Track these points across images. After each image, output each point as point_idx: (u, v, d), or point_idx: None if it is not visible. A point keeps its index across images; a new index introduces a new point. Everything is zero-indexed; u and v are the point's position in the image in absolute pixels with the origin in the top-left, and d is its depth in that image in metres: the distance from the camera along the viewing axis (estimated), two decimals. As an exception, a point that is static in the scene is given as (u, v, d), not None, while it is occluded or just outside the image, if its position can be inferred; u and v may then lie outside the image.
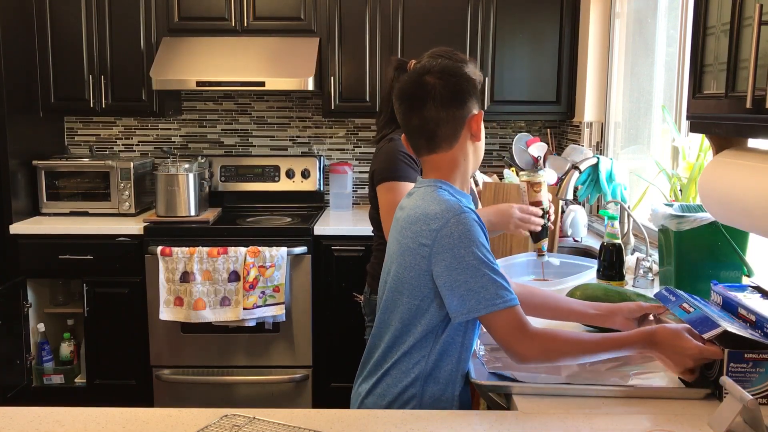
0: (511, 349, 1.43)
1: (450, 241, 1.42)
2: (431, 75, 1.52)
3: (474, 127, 1.54)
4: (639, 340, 1.46)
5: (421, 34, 3.54)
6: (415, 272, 1.47)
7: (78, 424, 1.30)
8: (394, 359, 1.52)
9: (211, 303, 3.26)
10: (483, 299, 1.40)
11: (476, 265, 1.40)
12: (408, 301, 1.50)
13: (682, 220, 1.91)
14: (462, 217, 1.43)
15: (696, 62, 1.57)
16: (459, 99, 1.51)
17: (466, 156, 1.56)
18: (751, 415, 1.21)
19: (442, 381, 1.51)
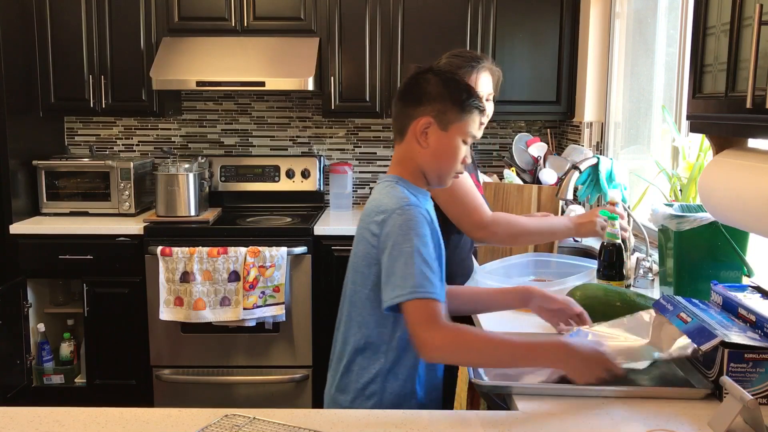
0: (418, 337, 1.42)
1: (392, 230, 1.47)
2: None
3: (417, 131, 1.57)
4: (552, 350, 1.46)
5: (421, 34, 3.54)
6: (367, 261, 1.53)
7: (78, 424, 1.30)
8: (352, 352, 1.57)
9: (211, 303, 3.26)
10: (408, 286, 1.42)
11: (409, 253, 1.44)
12: (355, 288, 1.55)
13: (682, 220, 1.91)
14: (407, 209, 1.49)
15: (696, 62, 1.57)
16: (413, 99, 1.59)
17: (416, 157, 1.59)
18: (751, 415, 1.21)
19: (401, 377, 1.54)
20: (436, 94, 1.57)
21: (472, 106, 1.59)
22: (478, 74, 2.19)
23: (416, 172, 1.61)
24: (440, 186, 1.66)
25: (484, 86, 2.21)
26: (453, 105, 1.57)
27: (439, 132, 1.57)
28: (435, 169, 1.61)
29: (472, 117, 1.60)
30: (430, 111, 1.57)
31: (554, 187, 2.92)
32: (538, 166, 3.35)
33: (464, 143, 1.61)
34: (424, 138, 1.57)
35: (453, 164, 1.61)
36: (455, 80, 1.62)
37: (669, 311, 1.61)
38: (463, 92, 1.59)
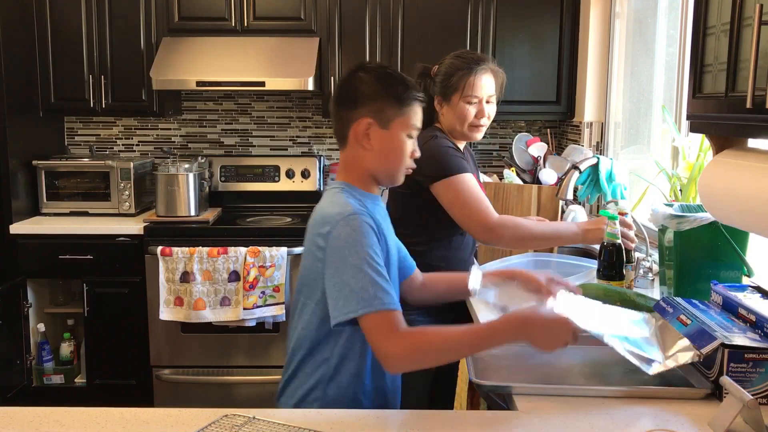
0: (380, 351, 1.40)
1: (338, 243, 1.44)
2: None
3: (358, 134, 1.53)
4: (509, 323, 1.42)
5: (421, 34, 3.54)
6: (314, 275, 1.49)
7: (78, 424, 1.30)
8: (298, 360, 1.55)
9: (211, 303, 3.26)
10: (361, 299, 1.39)
11: (359, 265, 1.40)
12: (304, 301, 1.52)
13: (682, 220, 1.91)
14: (351, 219, 1.45)
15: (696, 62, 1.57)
16: (348, 101, 1.55)
17: (362, 160, 1.56)
18: (751, 415, 1.21)
19: (344, 384, 1.52)
20: (371, 92, 1.53)
21: (411, 98, 1.55)
22: (475, 76, 2.19)
23: (364, 175, 1.57)
24: (393, 185, 1.63)
25: (483, 88, 2.21)
26: (390, 101, 1.53)
27: (381, 131, 1.53)
28: (384, 170, 1.57)
29: (413, 109, 1.56)
30: (368, 111, 1.52)
31: (554, 187, 2.92)
32: (538, 166, 3.35)
33: (409, 137, 1.57)
34: (366, 140, 1.53)
35: (401, 162, 1.57)
36: (389, 75, 1.56)
37: (669, 313, 1.61)
38: (399, 86, 1.54)
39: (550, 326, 1.41)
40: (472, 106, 2.20)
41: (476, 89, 2.19)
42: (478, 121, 2.21)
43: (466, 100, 2.19)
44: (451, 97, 2.21)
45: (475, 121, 2.21)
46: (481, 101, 2.20)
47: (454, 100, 2.20)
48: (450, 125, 2.24)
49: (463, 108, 2.20)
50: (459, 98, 2.19)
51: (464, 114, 2.20)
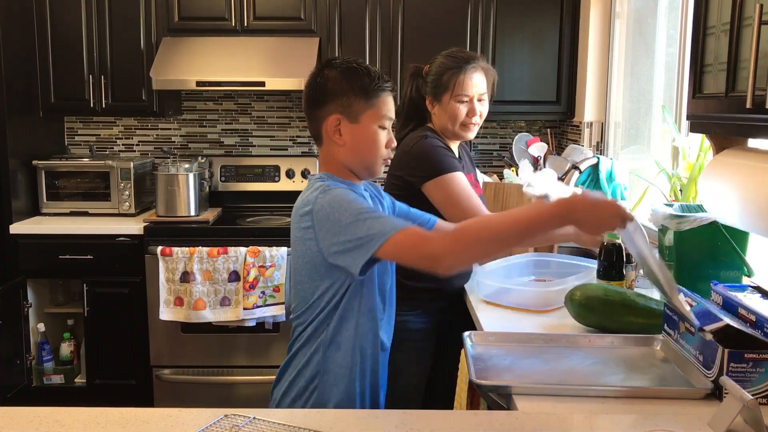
0: (423, 258, 1.41)
1: (324, 213, 1.48)
2: None
3: (329, 131, 1.56)
4: (555, 207, 1.39)
5: (421, 34, 3.54)
6: (308, 257, 1.54)
7: (78, 424, 1.30)
8: (301, 335, 1.62)
9: (211, 303, 3.26)
10: (374, 237, 1.41)
11: (353, 220, 1.44)
12: (309, 285, 1.57)
13: (682, 220, 1.91)
14: (327, 190, 1.51)
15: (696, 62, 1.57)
16: (317, 100, 1.58)
17: (337, 156, 1.59)
18: (751, 415, 1.21)
19: (343, 347, 1.57)
20: (337, 88, 1.55)
21: (377, 89, 1.56)
22: (465, 75, 2.17)
23: (342, 170, 1.61)
24: (372, 177, 1.65)
25: (473, 87, 2.19)
26: (356, 95, 1.54)
27: (351, 126, 1.56)
28: (359, 163, 1.60)
29: (382, 100, 1.57)
30: (336, 107, 1.55)
31: (554, 187, 2.91)
32: (538, 166, 3.35)
33: (382, 128, 1.58)
34: (338, 136, 1.56)
35: (376, 153, 1.59)
36: (354, 68, 1.57)
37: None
38: (364, 78, 1.55)
39: (597, 208, 1.37)
40: (463, 105, 2.19)
41: (466, 88, 2.18)
42: (470, 119, 2.20)
43: (457, 99, 2.18)
44: (442, 97, 2.20)
45: (467, 119, 2.20)
46: (472, 100, 2.19)
47: (444, 99, 2.19)
48: (442, 125, 2.23)
49: (454, 107, 2.18)
50: (450, 97, 2.18)
51: (455, 113, 2.19)
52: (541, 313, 2.02)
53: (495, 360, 1.65)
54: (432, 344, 2.20)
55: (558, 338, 1.77)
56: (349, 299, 1.56)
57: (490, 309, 2.07)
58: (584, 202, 1.38)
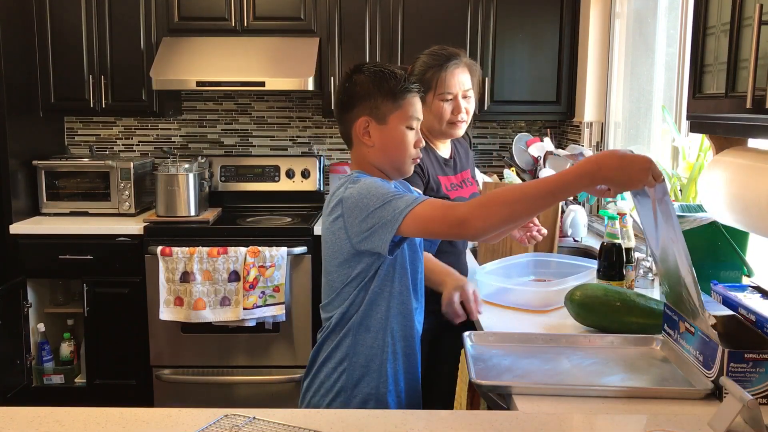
0: (450, 222, 1.43)
1: (353, 201, 1.53)
2: None
3: (359, 133, 1.61)
4: (582, 166, 1.37)
5: (421, 34, 3.53)
6: (337, 247, 1.59)
7: (78, 424, 1.30)
8: (329, 321, 1.65)
9: (211, 303, 3.26)
10: (397, 213, 1.46)
11: (381, 205, 1.49)
12: (338, 275, 1.61)
13: (682, 220, 1.91)
14: (355, 179, 1.57)
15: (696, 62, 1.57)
16: (346, 104, 1.63)
17: (367, 157, 1.64)
18: (751, 415, 1.21)
19: (372, 330, 1.61)
20: (364, 92, 1.60)
21: (403, 90, 1.61)
22: (447, 72, 2.13)
23: (373, 170, 1.65)
24: (402, 177, 1.70)
25: (456, 84, 2.15)
26: (383, 97, 1.59)
27: (379, 127, 1.61)
28: (388, 163, 1.65)
29: (408, 101, 1.61)
30: (364, 110, 1.60)
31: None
32: (538, 166, 3.35)
33: (410, 129, 1.63)
34: (367, 137, 1.61)
35: (404, 153, 1.64)
36: (381, 72, 1.62)
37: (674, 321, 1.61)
38: (390, 80, 1.60)
39: (627, 162, 1.34)
40: (448, 103, 2.15)
41: (450, 85, 2.13)
42: (456, 117, 2.16)
43: (441, 98, 2.14)
44: (426, 96, 2.13)
45: (453, 117, 2.16)
46: (456, 97, 2.15)
47: (428, 98, 2.14)
48: (429, 125, 2.18)
49: (438, 106, 2.14)
50: (434, 96, 2.14)
51: (440, 112, 2.15)
52: (541, 313, 2.02)
53: (495, 360, 1.65)
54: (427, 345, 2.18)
55: (558, 338, 1.77)
56: (380, 283, 1.60)
57: (490, 309, 2.07)
58: (613, 158, 1.35)
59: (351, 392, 1.63)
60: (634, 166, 1.34)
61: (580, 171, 1.36)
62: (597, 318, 1.83)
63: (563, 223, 2.98)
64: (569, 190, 1.39)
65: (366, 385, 1.63)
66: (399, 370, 1.67)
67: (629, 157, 1.35)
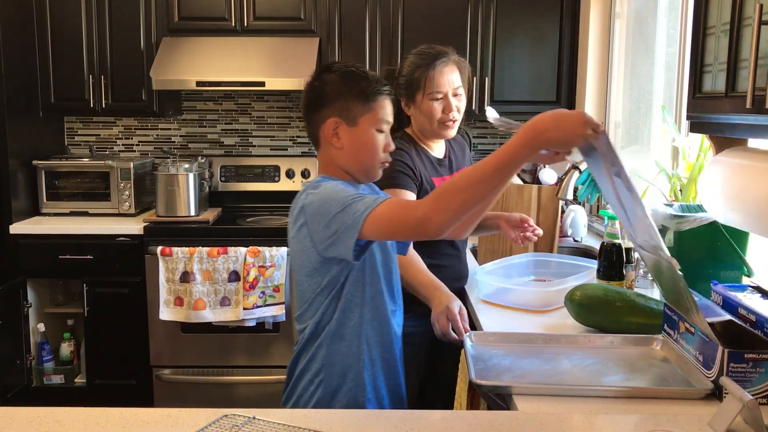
0: (409, 223, 1.39)
1: (315, 207, 1.49)
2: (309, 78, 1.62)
3: (328, 134, 1.57)
4: (521, 136, 1.34)
5: (421, 34, 3.53)
6: (305, 256, 1.55)
7: (78, 424, 1.30)
8: (304, 332, 1.61)
9: (211, 303, 3.26)
10: (357, 215, 1.41)
11: (341, 209, 1.44)
12: (308, 286, 1.58)
13: (682, 220, 1.91)
14: (316, 185, 1.53)
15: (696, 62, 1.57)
16: (315, 104, 1.58)
17: (335, 159, 1.60)
18: (751, 415, 1.21)
19: (347, 338, 1.58)
20: (335, 92, 1.55)
21: (375, 93, 1.56)
22: (435, 71, 2.08)
23: (341, 173, 1.61)
24: (370, 180, 1.66)
25: (446, 83, 2.10)
26: (354, 98, 1.55)
27: (349, 129, 1.56)
28: (357, 166, 1.60)
29: (379, 104, 1.57)
30: (333, 111, 1.55)
31: (554, 187, 2.91)
32: (538, 166, 3.35)
33: (380, 132, 1.58)
34: (336, 139, 1.57)
35: (374, 157, 1.59)
36: (352, 72, 1.58)
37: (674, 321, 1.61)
38: (361, 81, 1.56)
39: (562, 121, 1.33)
40: (438, 102, 2.10)
41: (439, 84, 2.08)
42: (447, 116, 2.11)
43: (431, 97, 2.09)
44: (416, 96, 2.11)
45: (444, 117, 2.11)
46: (446, 96, 2.10)
47: (418, 98, 2.11)
48: (420, 126, 2.16)
49: (429, 105, 2.10)
50: (423, 96, 2.10)
51: (431, 112, 2.10)
52: (541, 313, 2.02)
53: (495, 360, 1.65)
54: (425, 347, 2.18)
55: (557, 338, 1.77)
56: (351, 290, 1.57)
57: (490, 309, 2.07)
58: (548, 119, 1.34)
59: (329, 403, 1.59)
60: (570, 121, 1.33)
61: (520, 141, 1.34)
62: (597, 318, 1.83)
63: (563, 223, 2.98)
64: (515, 162, 1.35)
65: (344, 395, 1.60)
66: (378, 377, 1.64)
67: (563, 113, 1.34)
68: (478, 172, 1.36)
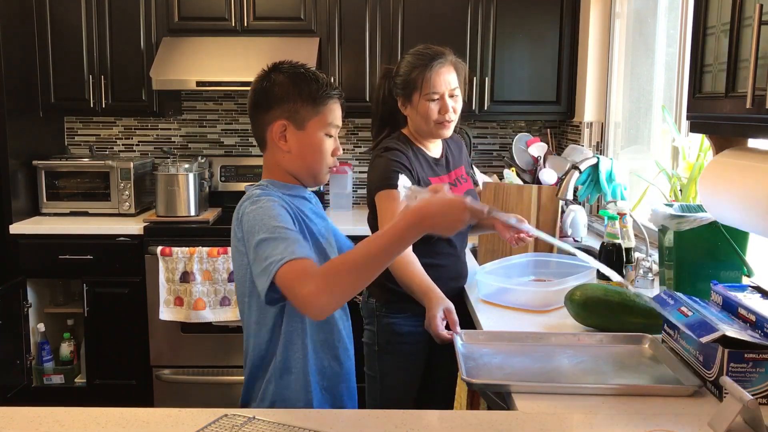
0: (297, 298, 1.35)
1: (248, 225, 1.46)
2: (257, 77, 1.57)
3: (275, 137, 1.52)
4: (407, 219, 1.33)
5: (421, 34, 3.53)
6: (243, 274, 1.51)
7: (78, 424, 1.30)
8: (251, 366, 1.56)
9: (211, 303, 3.26)
10: (271, 262, 1.37)
11: (268, 237, 1.40)
12: (248, 308, 1.55)
13: (682, 220, 1.91)
14: (255, 199, 1.48)
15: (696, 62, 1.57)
16: (263, 104, 1.53)
17: (281, 162, 1.55)
18: (751, 415, 1.22)
19: (295, 371, 1.52)
20: (284, 94, 1.51)
21: (325, 96, 1.52)
22: (431, 72, 2.09)
23: (286, 176, 1.57)
24: (317, 185, 1.62)
25: (442, 83, 2.10)
26: (304, 101, 1.51)
27: (297, 132, 1.52)
28: (304, 170, 1.56)
29: (329, 108, 1.53)
30: (282, 113, 1.51)
31: (554, 187, 2.92)
32: (538, 166, 3.35)
33: (328, 136, 1.55)
34: (283, 142, 1.52)
35: (321, 161, 1.55)
36: (302, 74, 1.53)
37: (669, 305, 1.61)
38: (312, 84, 1.52)
39: (445, 210, 1.33)
40: (434, 102, 2.10)
41: (436, 85, 2.09)
42: (443, 117, 2.11)
43: (427, 98, 2.10)
44: (412, 97, 2.12)
45: (440, 117, 2.11)
46: (443, 96, 2.11)
47: (415, 99, 2.12)
48: (416, 126, 2.17)
49: (425, 106, 2.11)
50: (420, 97, 2.11)
51: (427, 112, 2.11)
52: (541, 313, 2.02)
53: (485, 359, 1.66)
54: (423, 347, 2.18)
55: (548, 336, 1.78)
56: (289, 321, 1.52)
57: (490, 309, 2.07)
58: (433, 206, 1.34)
59: None
60: (453, 208, 1.34)
61: (407, 224, 1.33)
62: (597, 318, 1.83)
63: (563, 223, 2.98)
64: (402, 243, 1.35)
65: None
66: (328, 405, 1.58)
67: (447, 203, 1.34)
68: (362, 255, 1.35)
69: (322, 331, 1.57)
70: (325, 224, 1.66)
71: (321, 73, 1.57)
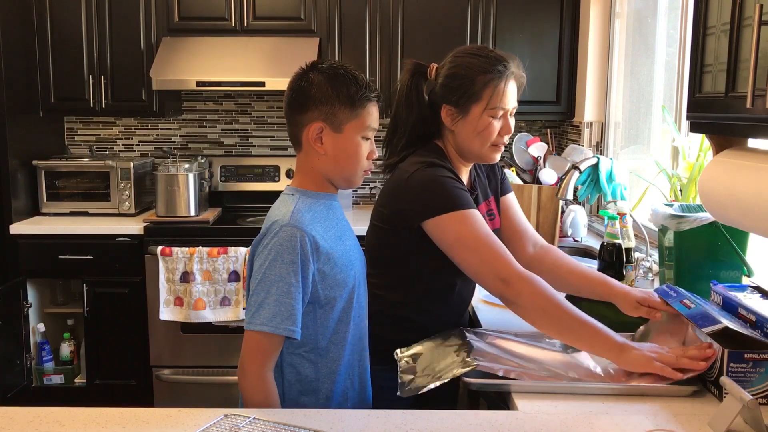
0: (241, 365, 1.53)
1: (265, 251, 1.46)
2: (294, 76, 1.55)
3: (311, 139, 1.49)
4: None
5: (421, 34, 3.54)
6: None
7: (78, 424, 1.30)
8: None
9: (211, 303, 3.26)
10: (256, 314, 1.45)
11: (272, 281, 1.43)
12: None
13: (682, 220, 1.91)
14: (285, 229, 1.46)
15: (696, 62, 1.57)
16: (300, 105, 1.50)
17: (316, 164, 1.53)
18: (751, 415, 1.22)
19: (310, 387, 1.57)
20: (322, 95, 1.47)
21: (363, 99, 1.49)
22: (505, 83, 1.74)
23: (320, 179, 1.55)
24: (351, 188, 1.61)
25: (511, 99, 1.76)
26: (342, 104, 1.47)
27: (334, 135, 1.49)
28: (339, 173, 1.54)
29: (367, 110, 1.50)
30: (319, 115, 1.47)
31: (554, 187, 2.92)
32: (538, 166, 3.35)
33: (365, 139, 1.52)
34: (319, 144, 1.49)
35: (356, 165, 1.53)
36: (340, 75, 1.49)
37: (672, 297, 1.62)
38: (350, 86, 1.48)
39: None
40: (498, 120, 1.73)
41: (505, 100, 1.73)
42: (502, 138, 1.75)
43: (492, 113, 1.72)
44: (471, 108, 1.72)
45: (498, 139, 1.75)
46: (506, 114, 1.75)
47: (474, 111, 1.72)
48: (463, 143, 1.76)
49: (486, 122, 1.72)
50: (482, 110, 1.71)
51: (488, 130, 1.72)
52: (541, 313, 2.01)
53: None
54: None
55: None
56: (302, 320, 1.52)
57: (490, 309, 2.07)
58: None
59: None
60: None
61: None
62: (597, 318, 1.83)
63: (563, 223, 2.98)
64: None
65: None
66: None
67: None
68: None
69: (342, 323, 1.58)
70: (349, 234, 1.66)
71: (360, 74, 1.52)
